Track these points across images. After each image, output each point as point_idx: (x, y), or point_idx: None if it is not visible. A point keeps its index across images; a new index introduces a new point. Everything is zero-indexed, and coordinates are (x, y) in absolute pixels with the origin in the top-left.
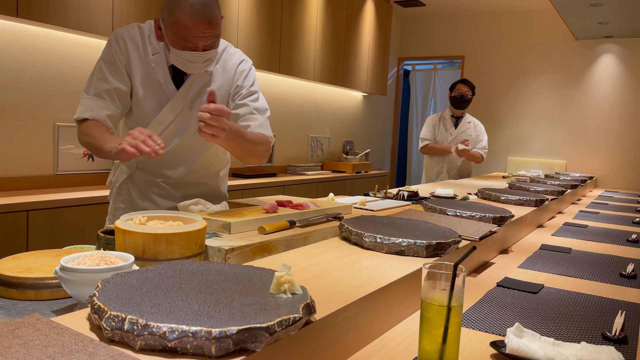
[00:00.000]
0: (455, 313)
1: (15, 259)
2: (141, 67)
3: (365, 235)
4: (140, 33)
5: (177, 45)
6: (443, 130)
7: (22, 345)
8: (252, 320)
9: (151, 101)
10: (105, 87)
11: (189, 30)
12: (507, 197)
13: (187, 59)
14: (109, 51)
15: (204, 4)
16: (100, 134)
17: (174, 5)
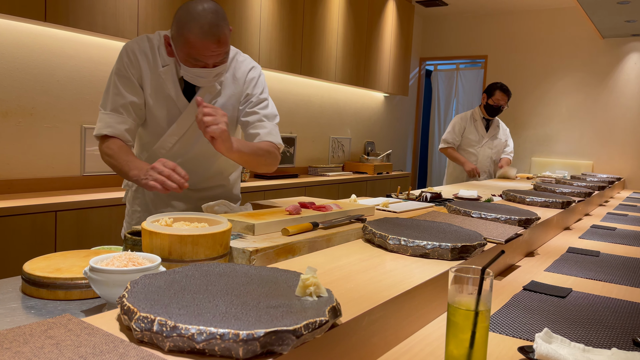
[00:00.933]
0: (483, 317)
1: (46, 259)
2: (152, 80)
3: (389, 238)
4: (150, 45)
5: (188, 63)
6: (474, 132)
7: (54, 345)
8: (279, 322)
9: (163, 113)
10: (121, 101)
11: (199, 50)
12: (532, 199)
13: (198, 75)
14: (122, 65)
15: (212, 23)
16: (124, 158)
17: (182, 25)
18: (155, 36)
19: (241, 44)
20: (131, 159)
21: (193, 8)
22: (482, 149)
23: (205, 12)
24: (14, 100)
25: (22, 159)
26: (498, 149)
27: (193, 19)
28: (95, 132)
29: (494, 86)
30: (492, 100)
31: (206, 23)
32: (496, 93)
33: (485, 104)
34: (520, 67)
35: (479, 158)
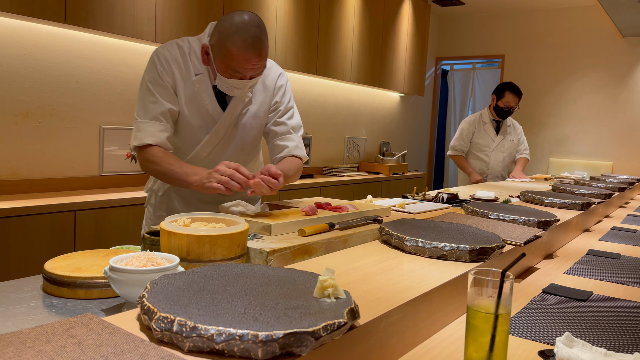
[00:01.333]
0: (503, 321)
1: (66, 259)
2: (185, 88)
3: (406, 239)
4: (181, 52)
5: (225, 73)
6: (484, 136)
7: (76, 344)
8: (297, 324)
9: (197, 121)
10: (160, 109)
11: (240, 62)
12: (551, 200)
13: (233, 86)
14: (155, 73)
15: (256, 37)
16: (177, 164)
17: (225, 37)
18: (184, 43)
19: None
20: (185, 165)
21: (237, 20)
22: (493, 153)
23: (249, 26)
24: (34, 101)
25: (42, 159)
26: (510, 151)
27: (237, 31)
28: (137, 142)
29: (504, 87)
30: (501, 102)
31: (249, 37)
32: (506, 94)
33: (495, 105)
34: (538, 66)
35: (490, 163)
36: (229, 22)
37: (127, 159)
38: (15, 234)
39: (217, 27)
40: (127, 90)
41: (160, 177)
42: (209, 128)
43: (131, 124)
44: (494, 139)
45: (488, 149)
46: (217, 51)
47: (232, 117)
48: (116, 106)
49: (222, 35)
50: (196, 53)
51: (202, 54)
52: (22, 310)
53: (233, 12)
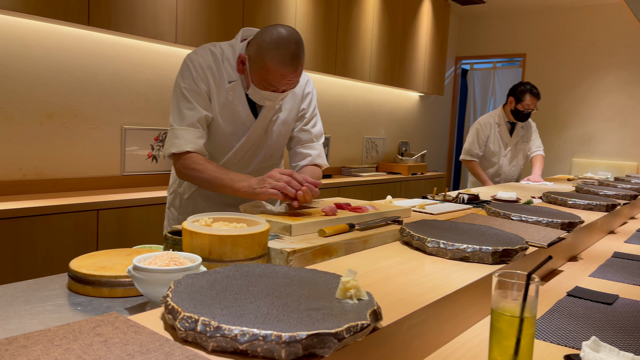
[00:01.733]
0: (529, 324)
1: (90, 257)
2: (219, 95)
3: (427, 241)
4: (214, 59)
5: (260, 85)
6: (497, 140)
7: (103, 342)
8: (320, 325)
9: (230, 128)
10: (196, 116)
11: (276, 77)
12: (574, 202)
13: (266, 97)
14: (190, 79)
15: (294, 54)
16: (223, 172)
17: (264, 51)
18: (217, 49)
19: None
20: (230, 172)
21: (277, 35)
22: (506, 157)
23: (289, 42)
24: (58, 102)
25: (66, 159)
26: (523, 153)
27: (276, 46)
28: (175, 150)
29: (524, 89)
30: (522, 105)
31: (288, 53)
32: (526, 97)
33: (514, 108)
34: (560, 65)
35: (503, 168)
36: (270, 36)
37: (148, 159)
38: (40, 233)
39: (257, 40)
40: (148, 91)
41: (201, 184)
42: (240, 135)
43: (152, 124)
44: (508, 142)
45: (501, 153)
46: (254, 63)
47: (264, 125)
48: (137, 107)
49: (261, 48)
50: (229, 60)
51: (238, 63)
52: (48, 308)
53: (273, 26)
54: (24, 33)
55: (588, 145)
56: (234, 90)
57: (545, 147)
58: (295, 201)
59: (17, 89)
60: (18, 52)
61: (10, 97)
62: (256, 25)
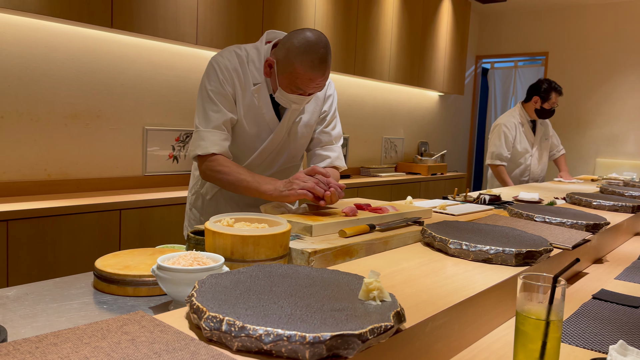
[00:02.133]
0: (555, 328)
1: (115, 257)
2: (244, 97)
3: (449, 242)
4: (240, 61)
5: (287, 89)
6: (524, 139)
7: (130, 341)
8: (343, 326)
9: (254, 130)
10: (222, 118)
11: (304, 81)
12: (599, 203)
13: (292, 100)
14: (217, 82)
15: (323, 58)
16: (248, 174)
17: (294, 55)
18: (242, 52)
19: None
20: (255, 174)
21: (306, 39)
22: (533, 156)
23: (318, 47)
24: (82, 103)
25: (90, 159)
26: (547, 150)
27: (306, 51)
28: (201, 151)
29: (549, 88)
30: (548, 103)
31: (317, 58)
32: (552, 95)
33: (540, 108)
34: (584, 63)
35: (531, 168)
36: (299, 40)
37: (169, 159)
38: (65, 232)
39: (285, 44)
40: (169, 92)
41: (226, 185)
42: (264, 137)
43: (173, 124)
44: (533, 141)
45: (528, 153)
46: (282, 67)
47: (287, 127)
48: (159, 107)
49: (290, 53)
50: (254, 62)
51: (265, 66)
52: (75, 306)
53: (301, 30)
54: (49, 36)
55: (613, 145)
56: (258, 92)
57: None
58: (323, 201)
59: (42, 90)
60: (43, 54)
61: (36, 99)
62: (276, 26)
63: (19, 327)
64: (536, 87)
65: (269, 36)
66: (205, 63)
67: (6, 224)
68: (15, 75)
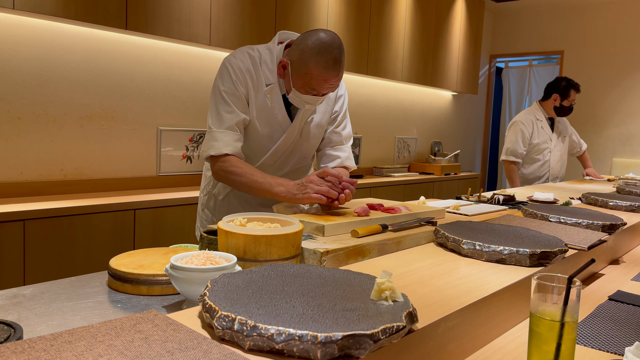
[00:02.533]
0: (570, 329)
1: (129, 256)
2: (256, 98)
3: (463, 242)
4: (253, 62)
5: (302, 90)
6: (542, 135)
7: (143, 339)
8: (355, 326)
9: (266, 130)
10: (235, 119)
11: (319, 82)
12: (616, 203)
13: (306, 101)
14: (230, 83)
15: (337, 59)
16: (260, 175)
17: (308, 57)
18: (255, 52)
19: None
20: (267, 175)
21: (320, 40)
22: (553, 152)
23: (332, 48)
24: (97, 104)
25: (105, 160)
26: (566, 149)
27: (320, 52)
28: (214, 152)
29: (568, 85)
30: (567, 101)
31: (331, 58)
32: (571, 93)
33: (559, 105)
34: (600, 62)
35: (550, 164)
36: (312, 41)
37: (183, 159)
38: (80, 231)
39: (299, 45)
40: (183, 93)
41: (239, 186)
42: (276, 137)
43: (187, 125)
44: (552, 137)
45: (547, 150)
46: (297, 68)
47: (300, 127)
48: (173, 108)
49: (305, 54)
50: (267, 63)
51: (279, 67)
52: (89, 304)
53: (315, 31)
54: (65, 38)
55: (630, 145)
56: (271, 93)
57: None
58: (336, 201)
59: (58, 92)
60: (59, 56)
61: (53, 100)
62: (289, 26)
63: (35, 325)
64: (555, 84)
65: (281, 37)
66: (218, 64)
67: (23, 224)
68: (32, 77)
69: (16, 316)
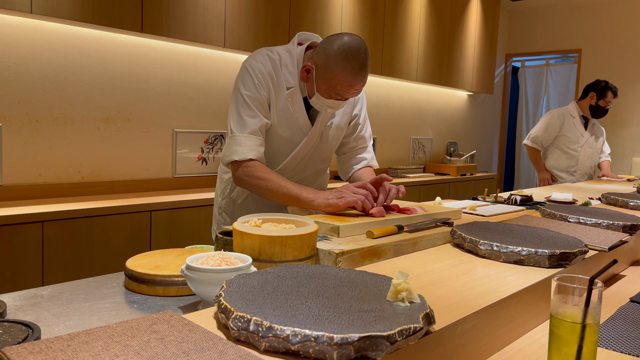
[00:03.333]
0: (591, 332)
1: (145, 257)
2: (277, 101)
3: (480, 243)
4: (273, 65)
5: (326, 94)
6: (574, 130)
7: (159, 340)
8: (372, 328)
9: (287, 134)
10: (258, 124)
11: (344, 87)
12: (636, 203)
13: (329, 105)
14: (252, 86)
15: (363, 64)
16: (288, 182)
17: (334, 62)
18: (275, 55)
19: None
20: (293, 183)
21: (346, 45)
22: (583, 148)
23: (359, 53)
24: (114, 107)
25: (121, 162)
26: (597, 149)
27: (346, 57)
28: (238, 157)
29: (606, 87)
30: (603, 101)
31: (358, 64)
32: (608, 94)
33: (595, 104)
34: (619, 60)
35: (579, 159)
36: (338, 46)
37: (198, 161)
38: (97, 232)
39: (325, 50)
40: (198, 95)
41: (264, 192)
42: (296, 141)
43: (202, 127)
44: (584, 134)
45: (577, 144)
46: (322, 73)
47: (320, 130)
48: (188, 110)
49: (331, 59)
50: (287, 66)
51: (302, 71)
52: (106, 305)
53: (340, 36)
54: (82, 41)
55: None
56: (292, 97)
57: None
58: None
59: (76, 95)
60: (77, 59)
61: (70, 103)
62: (303, 27)
63: (53, 326)
64: (594, 84)
65: (301, 38)
66: (233, 65)
67: (41, 225)
68: (50, 81)
69: (34, 317)
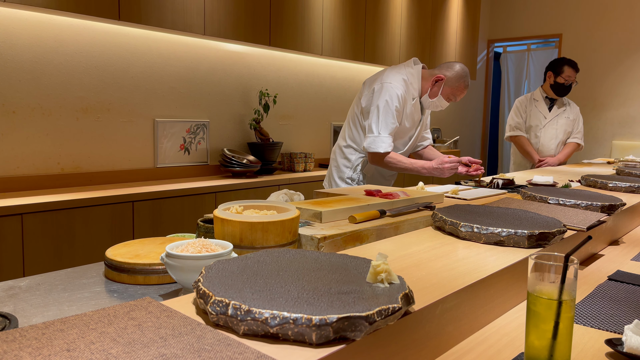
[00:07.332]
0: (567, 307)
1: (125, 246)
2: (406, 108)
3: (461, 225)
4: (406, 86)
5: (447, 98)
6: (536, 114)
7: (136, 326)
8: (351, 308)
9: (409, 126)
10: (395, 128)
11: (460, 94)
12: (615, 184)
13: (441, 105)
14: (398, 103)
15: (469, 80)
16: (413, 161)
17: (461, 77)
18: (406, 77)
19: (304, 33)
20: (414, 160)
21: (463, 69)
22: (545, 130)
23: (468, 72)
24: (93, 97)
25: (102, 153)
26: (566, 129)
27: (466, 76)
28: (383, 150)
29: (560, 62)
30: (562, 77)
31: (468, 80)
32: (565, 69)
33: (554, 82)
34: (599, 44)
35: (540, 141)
36: (460, 68)
37: (180, 150)
38: (79, 224)
39: (453, 69)
40: (179, 84)
41: (400, 169)
42: (413, 131)
43: (183, 116)
44: (546, 115)
45: (538, 128)
46: (452, 83)
47: (424, 121)
48: (169, 99)
49: (459, 76)
50: (412, 84)
51: (433, 80)
52: (86, 295)
53: (456, 63)
54: (58, 30)
55: (629, 127)
56: (415, 105)
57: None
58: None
59: (53, 85)
60: (53, 48)
61: (47, 93)
62: (283, 15)
63: (31, 317)
64: (550, 63)
65: (415, 61)
66: (213, 53)
67: (21, 218)
68: (26, 70)
69: (12, 308)
